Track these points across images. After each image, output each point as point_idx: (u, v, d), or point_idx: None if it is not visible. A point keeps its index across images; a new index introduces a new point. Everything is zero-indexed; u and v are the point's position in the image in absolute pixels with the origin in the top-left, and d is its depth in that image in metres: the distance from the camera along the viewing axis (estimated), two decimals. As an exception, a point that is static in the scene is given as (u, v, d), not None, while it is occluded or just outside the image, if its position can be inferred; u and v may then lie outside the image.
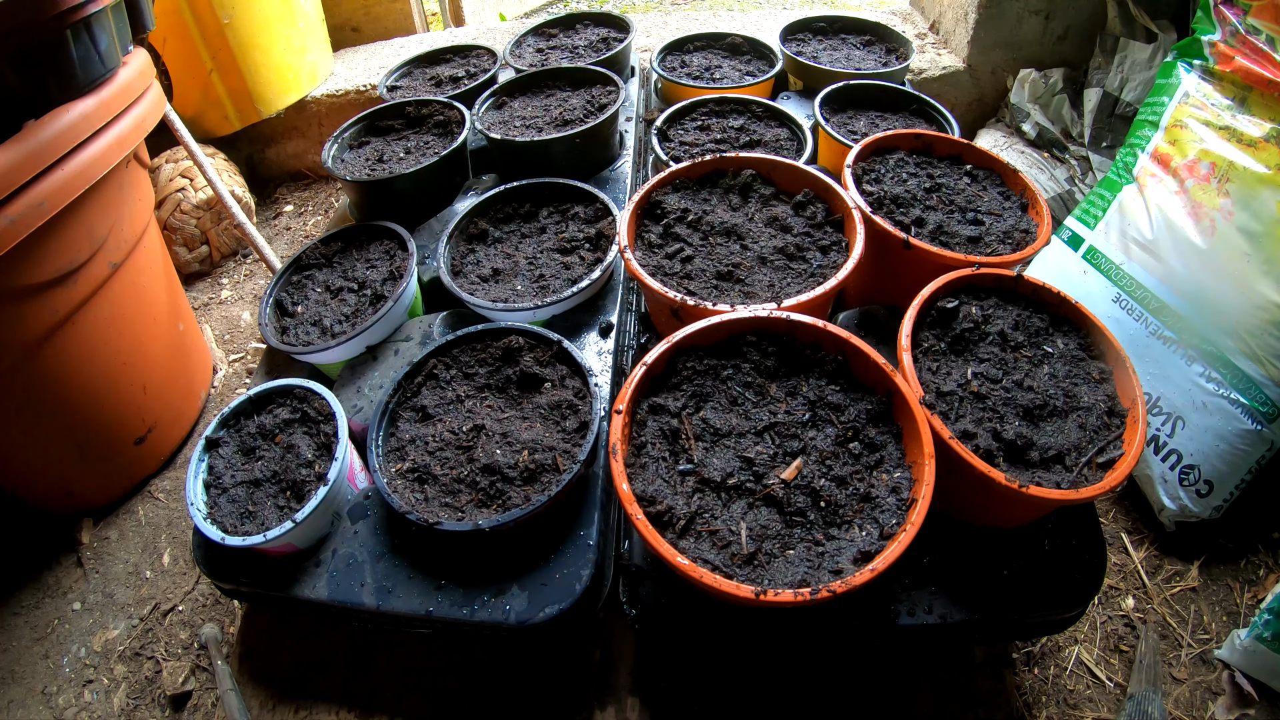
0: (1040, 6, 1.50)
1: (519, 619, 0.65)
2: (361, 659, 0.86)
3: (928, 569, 0.67)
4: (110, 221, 0.95)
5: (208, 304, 1.51)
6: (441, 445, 0.72)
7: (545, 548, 0.69)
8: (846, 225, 0.81)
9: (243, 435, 0.77)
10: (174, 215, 1.48)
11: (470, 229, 0.97)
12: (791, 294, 0.74)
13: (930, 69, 1.61)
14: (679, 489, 0.59)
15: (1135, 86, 1.36)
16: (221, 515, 0.72)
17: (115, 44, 0.92)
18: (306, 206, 1.79)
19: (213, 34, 1.47)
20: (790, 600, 0.51)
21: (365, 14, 2.07)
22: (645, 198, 0.85)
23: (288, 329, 0.90)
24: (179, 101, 1.55)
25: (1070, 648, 0.88)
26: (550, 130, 1.10)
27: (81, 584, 1.03)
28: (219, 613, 0.97)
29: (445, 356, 0.79)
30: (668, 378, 0.66)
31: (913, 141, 0.93)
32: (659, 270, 0.78)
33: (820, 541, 0.57)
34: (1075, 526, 0.70)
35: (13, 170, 0.77)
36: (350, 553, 0.72)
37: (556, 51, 1.39)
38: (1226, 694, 0.84)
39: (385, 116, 1.19)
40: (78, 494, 1.08)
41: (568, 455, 0.69)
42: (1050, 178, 1.38)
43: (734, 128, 1.06)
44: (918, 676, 0.82)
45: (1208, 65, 1.05)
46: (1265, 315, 0.90)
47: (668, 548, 0.54)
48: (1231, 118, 0.99)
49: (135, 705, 0.89)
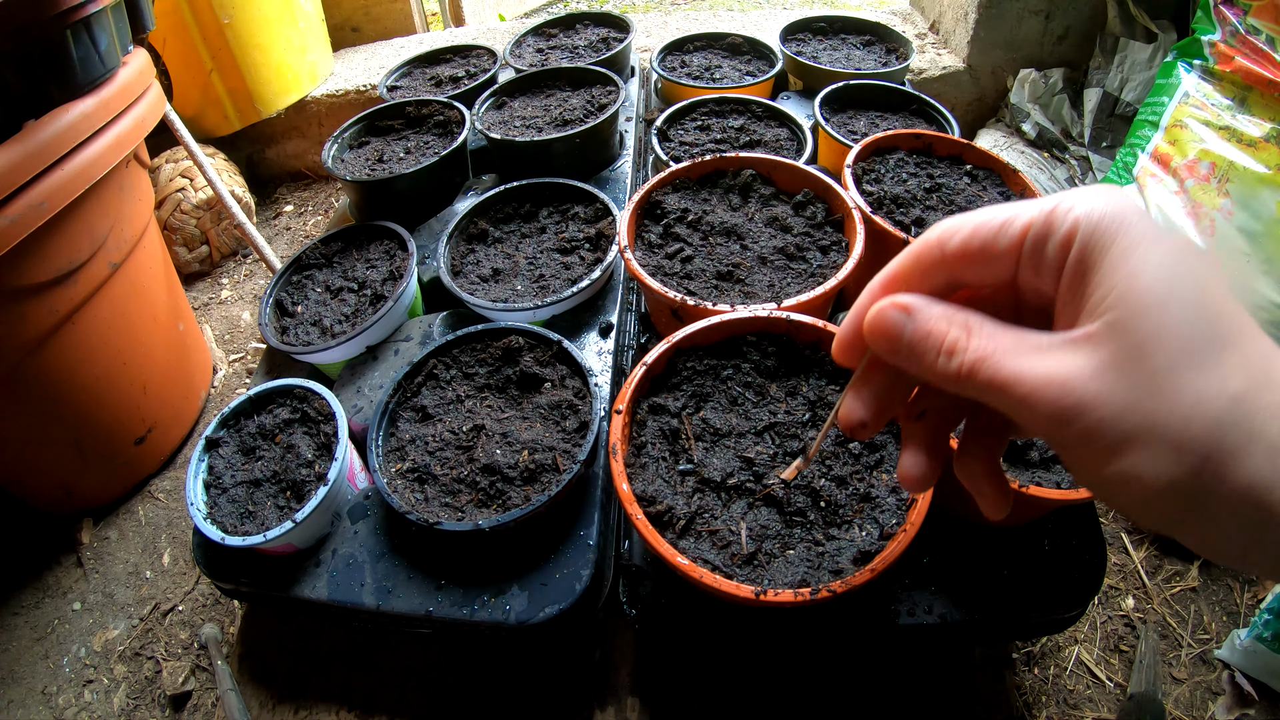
0: (1040, 6, 1.50)
1: (519, 619, 0.65)
2: (361, 659, 0.86)
3: (928, 569, 0.67)
4: (110, 221, 0.95)
5: (208, 304, 1.51)
6: (441, 445, 0.72)
7: (545, 548, 0.69)
8: (846, 225, 0.81)
9: (243, 435, 0.77)
10: (174, 215, 1.48)
11: (470, 229, 0.97)
12: (791, 294, 0.74)
13: (930, 69, 1.61)
14: (679, 489, 0.59)
15: (1135, 86, 1.36)
16: (221, 515, 0.72)
17: (115, 44, 0.92)
18: (306, 206, 1.79)
19: (213, 34, 1.47)
20: (790, 600, 0.51)
21: (365, 14, 2.07)
22: (645, 198, 0.85)
23: (288, 329, 0.90)
24: (179, 101, 1.55)
25: (1070, 648, 0.88)
26: (550, 130, 1.10)
27: (81, 584, 1.03)
28: (219, 613, 0.97)
29: (445, 356, 0.79)
30: (668, 378, 0.66)
31: (913, 141, 0.93)
32: (659, 270, 0.78)
33: (820, 541, 0.57)
34: (1075, 526, 0.70)
35: (13, 170, 0.77)
36: (350, 553, 0.72)
37: (556, 51, 1.39)
38: (1226, 694, 0.84)
39: (385, 116, 1.19)
40: (78, 494, 1.08)
41: (568, 455, 0.69)
42: (1050, 178, 1.38)
43: (734, 128, 1.06)
44: (918, 676, 0.82)
45: (1208, 65, 1.05)
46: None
47: (668, 548, 0.54)
48: (1231, 118, 0.99)
49: (135, 705, 0.89)
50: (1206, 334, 0.25)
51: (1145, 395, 0.25)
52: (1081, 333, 0.27)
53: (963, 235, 0.30)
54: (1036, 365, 0.27)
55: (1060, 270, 0.28)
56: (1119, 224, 0.27)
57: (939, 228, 0.32)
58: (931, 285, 0.32)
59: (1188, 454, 0.24)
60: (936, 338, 0.30)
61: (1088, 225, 0.27)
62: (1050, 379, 0.27)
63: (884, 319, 0.31)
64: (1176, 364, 0.25)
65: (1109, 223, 0.27)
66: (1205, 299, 0.25)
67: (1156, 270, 0.26)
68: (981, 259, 0.30)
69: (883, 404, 0.35)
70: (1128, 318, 0.26)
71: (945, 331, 0.30)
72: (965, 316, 0.30)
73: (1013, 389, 0.27)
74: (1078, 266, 0.28)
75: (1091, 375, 0.26)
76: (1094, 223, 0.27)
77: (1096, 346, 0.26)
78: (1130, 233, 0.26)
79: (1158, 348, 0.25)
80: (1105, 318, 0.26)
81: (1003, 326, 0.29)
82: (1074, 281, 0.28)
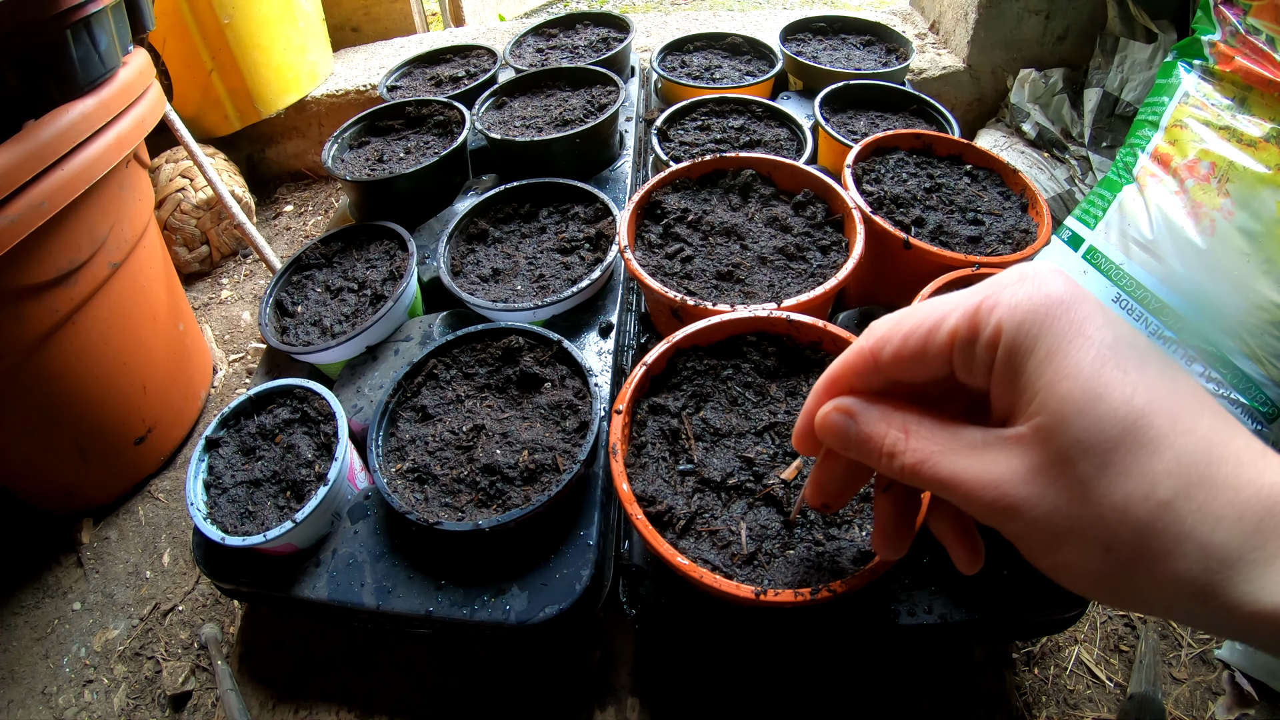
0: (1040, 6, 1.50)
1: (519, 619, 0.65)
2: (361, 659, 0.86)
3: (928, 569, 0.67)
4: (110, 221, 0.95)
5: (208, 304, 1.51)
6: (441, 445, 0.72)
7: (545, 548, 0.69)
8: (846, 225, 0.81)
9: (243, 435, 0.77)
10: (174, 215, 1.48)
11: (470, 229, 0.97)
12: (791, 294, 0.74)
13: (930, 69, 1.61)
14: (679, 489, 0.59)
15: (1135, 86, 1.36)
16: (221, 515, 0.72)
17: (115, 44, 0.92)
18: (306, 206, 1.79)
19: (213, 34, 1.47)
20: (790, 600, 0.51)
21: (365, 14, 2.07)
22: (645, 198, 0.85)
23: (288, 329, 0.90)
24: (179, 101, 1.55)
25: (1070, 648, 0.88)
26: (550, 130, 1.10)
27: (81, 584, 1.03)
28: (219, 613, 0.97)
29: (445, 356, 0.79)
30: (668, 378, 0.66)
31: (913, 141, 0.93)
32: (659, 270, 0.78)
33: (820, 541, 0.57)
34: (1075, 526, 0.70)
35: (13, 170, 0.77)
36: (350, 553, 0.72)
37: (556, 51, 1.39)
38: (1226, 694, 0.84)
39: (385, 116, 1.19)
40: (78, 494, 1.08)
41: (568, 455, 0.69)
42: (1050, 178, 1.38)
43: (734, 128, 1.06)
44: (918, 676, 0.82)
45: (1208, 65, 1.05)
46: (1265, 315, 0.90)
47: (668, 548, 0.54)
48: (1231, 118, 0.99)
49: (135, 705, 0.89)
50: (1131, 438, 0.25)
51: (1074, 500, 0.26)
52: (1012, 433, 0.28)
53: (893, 346, 0.32)
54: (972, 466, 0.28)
55: (990, 369, 0.29)
56: (1041, 324, 0.27)
57: (872, 335, 0.33)
58: (873, 387, 0.34)
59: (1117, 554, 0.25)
60: (876, 440, 0.32)
61: (1010, 326, 0.27)
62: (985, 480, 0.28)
63: (828, 422, 0.34)
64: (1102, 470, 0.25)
65: (1030, 324, 0.27)
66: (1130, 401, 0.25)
67: (1078, 375, 0.26)
68: (915, 363, 0.31)
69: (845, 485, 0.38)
70: (1053, 425, 0.26)
71: (884, 435, 0.31)
72: (903, 419, 0.31)
73: (953, 488, 0.29)
74: (1004, 370, 0.28)
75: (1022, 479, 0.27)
76: (1016, 324, 0.27)
77: (1026, 450, 0.27)
78: (1052, 332, 0.27)
79: (1082, 455, 0.25)
80: (1033, 422, 0.27)
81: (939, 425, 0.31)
82: (1002, 383, 0.29)
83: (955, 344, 0.29)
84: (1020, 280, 0.28)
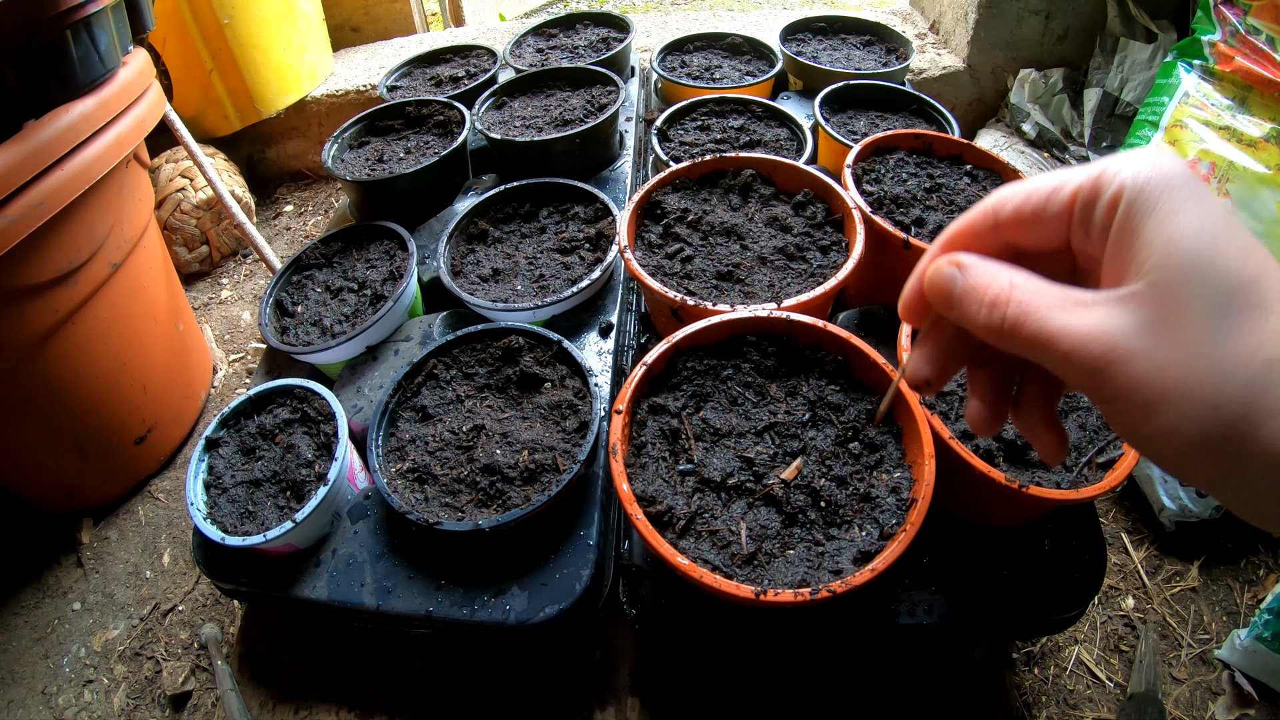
0: (1040, 6, 1.50)
1: (519, 619, 0.65)
2: (361, 659, 0.86)
3: (928, 569, 0.67)
4: (110, 221, 0.95)
5: (208, 304, 1.51)
6: (441, 445, 0.72)
7: (545, 548, 0.69)
8: (846, 225, 0.81)
9: (243, 435, 0.77)
10: (174, 215, 1.48)
11: (470, 229, 0.97)
12: (791, 294, 0.74)
13: (930, 69, 1.61)
14: (679, 489, 0.59)
15: (1135, 86, 1.36)
16: (221, 515, 0.72)
17: (115, 44, 0.92)
18: (306, 206, 1.79)
19: (213, 34, 1.47)
20: (790, 600, 0.51)
21: (365, 14, 2.07)
22: (645, 198, 0.85)
23: (288, 329, 0.90)
24: (179, 101, 1.55)
25: (1070, 648, 0.88)
26: (550, 130, 1.10)
27: (81, 584, 1.03)
28: (219, 613, 0.97)
29: (445, 356, 0.79)
30: (668, 378, 0.66)
31: (913, 141, 0.93)
32: (659, 270, 0.78)
33: (820, 541, 0.57)
34: (1075, 526, 0.70)
35: (13, 170, 0.77)
36: (350, 553, 0.72)
37: (556, 51, 1.39)
38: (1226, 694, 0.84)
39: (385, 116, 1.19)
40: (78, 494, 1.08)
41: (568, 455, 0.69)
42: (1050, 178, 1.38)
43: (734, 128, 1.06)
44: (918, 676, 0.82)
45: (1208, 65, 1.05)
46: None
47: (668, 548, 0.54)
48: (1231, 118, 0.99)
49: (135, 705, 0.89)
50: (1244, 298, 0.26)
51: (1183, 354, 0.26)
52: (1125, 291, 0.28)
53: (1015, 202, 0.32)
54: (1079, 321, 0.28)
55: (1107, 232, 0.29)
56: (1163, 187, 0.27)
57: (994, 196, 0.33)
58: (987, 249, 0.34)
59: (1222, 413, 0.25)
60: (981, 291, 0.31)
61: (1133, 189, 0.28)
62: (1091, 334, 0.28)
63: (938, 273, 0.33)
64: (1215, 326, 0.26)
65: (1153, 186, 0.27)
66: (1244, 263, 0.26)
67: (1198, 234, 0.26)
68: (1034, 224, 0.31)
69: (946, 361, 0.37)
70: (1169, 279, 0.26)
71: (990, 284, 0.31)
72: (1012, 273, 0.31)
73: (1055, 344, 0.28)
74: (1123, 229, 0.28)
75: (1132, 333, 0.27)
76: (1139, 186, 0.28)
77: (1139, 306, 0.27)
78: (1174, 196, 0.27)
79: (1197, 309, 0.26)
80: (1148, 278, 0.27)
81: (1048, 283, 0.30)
82: (1119, 243, 0.29)
83: (1077, 203, 0.30)
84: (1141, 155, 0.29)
